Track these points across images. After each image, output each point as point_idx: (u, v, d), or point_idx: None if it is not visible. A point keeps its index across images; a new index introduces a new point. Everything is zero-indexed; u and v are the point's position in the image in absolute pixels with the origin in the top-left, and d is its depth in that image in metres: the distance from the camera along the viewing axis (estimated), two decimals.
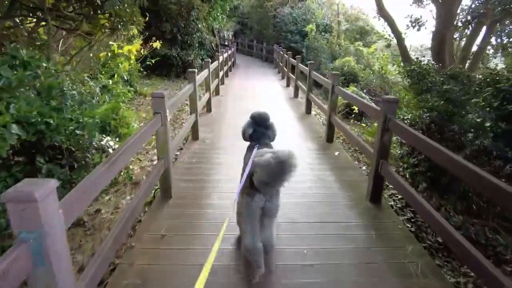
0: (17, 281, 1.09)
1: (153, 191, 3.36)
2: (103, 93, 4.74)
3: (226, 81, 10.90)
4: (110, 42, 6.87)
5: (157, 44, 8.18)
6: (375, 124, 7.68)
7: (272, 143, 2.42)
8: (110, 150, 3.88)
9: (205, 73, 6.08)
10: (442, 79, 4.46)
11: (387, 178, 3.04)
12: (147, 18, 8.47)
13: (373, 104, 3.30)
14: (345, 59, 12.71)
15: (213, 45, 14.05)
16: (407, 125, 2.90)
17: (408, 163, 4.20)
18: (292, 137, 5.27)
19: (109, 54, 5.81)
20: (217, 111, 6.76)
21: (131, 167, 4.06)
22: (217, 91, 8.57)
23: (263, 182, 1.83)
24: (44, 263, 1.17)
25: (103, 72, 6.25)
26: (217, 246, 1.22)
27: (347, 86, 12.09)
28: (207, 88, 6.56)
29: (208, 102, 6.65)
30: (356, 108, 7.64)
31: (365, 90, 11.77)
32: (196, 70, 4.72)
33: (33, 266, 1.15)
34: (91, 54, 5.62)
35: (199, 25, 11.32)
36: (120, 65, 6.28)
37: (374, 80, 12.08)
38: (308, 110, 6.73)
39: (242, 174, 2.16)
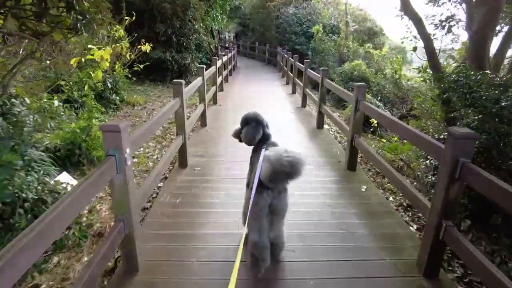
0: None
1: (113, 259, 2.38)
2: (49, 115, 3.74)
3: (226, 87, 9.93)
4: (90, 46, 5.90)
5: (146, 47, 7.20)
6: (395, 138, 6.68)
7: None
8: (69, 188, 2.92)
9: (198, 81, 5.11)
10: (497, 91, 3.47)
11: (454, 246, 2.02)
12: (134, 18, 7.53)
13: (432, 140, 2.15)
14: (355, 62, 11.71)
15: (212, 47, 13.09)
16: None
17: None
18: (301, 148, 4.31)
19: (84, 60, 4.83)
20: (213, 126, 5.78)
21: (91, 216, 3.05)
22: (214, 100, 7.60)
23: (269, 177, 1.84)
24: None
25: (70, 84, 5.27)
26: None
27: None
28: (201, 99, 5.58)
29: (203, 115, 5.67)
30: (375, 121, 6.65)
31: (378, 97, 10.81)
32: (183, 82, 3.74)
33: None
34: (60, 61, 4.63)
35: (196, 26, 10.36)
36: (91, 73, 5.29)
37: (387, 86, 11.10)
38: (320, 125, 5.74)
39: (248, 174, 2.36)
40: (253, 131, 2.33)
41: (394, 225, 2.83)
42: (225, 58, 10.01)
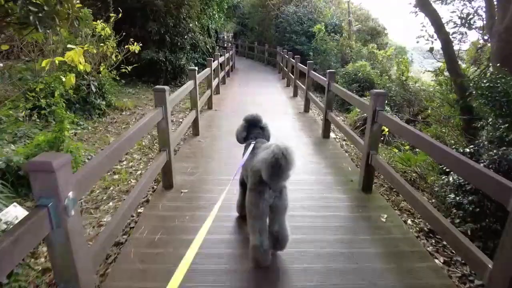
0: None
1: None
2: None
3: (223, 89, 9.32)
4: (69, 45, 5.28)
5: (135, 48, 6.59)
6: (406, 146, 6.09)
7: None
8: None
9: (189, 86, 4.51)
10: None
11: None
12: (125, 16, 6.94)
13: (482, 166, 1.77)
14: (359, 63, 11.12)
15: (208, 47, 12.48)
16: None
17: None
18: (309, 176, 3.71)
19: (57, 62, 4.20)
20: (207, 134, 5.17)
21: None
22: (209, 105, 6.99)
23: (269, 175, 1.84)
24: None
25: (37, 90, 4.64)
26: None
27: (363, 95, 10.51)
28: (193, 105, 4.98)
29: (195, 123, 5.06)
30: (387, 129, 6.07)
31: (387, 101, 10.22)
32: (167, 88, 3.11)
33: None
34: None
35: (191, 25, 9.76)
36: (63, 78, 4.66)
37: (394, 88, 10.52)
38: (326, 134, 5.13)
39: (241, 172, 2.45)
40: (240, 129, 2.54)
41: (432, 275, 2.22)
42: (221, 59, 9.40)
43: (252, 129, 2.51)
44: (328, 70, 4.92)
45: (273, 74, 14.24)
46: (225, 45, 21.99)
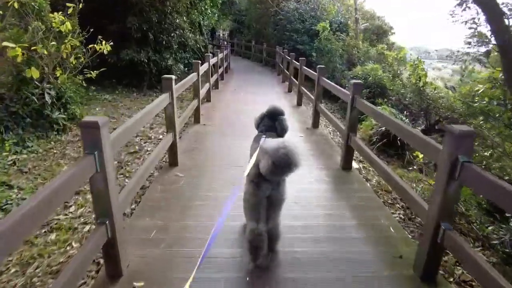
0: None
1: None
2: None
3: (215, 95, 8.04)
4: (5, 43, 3.97)
5: (104, 47, 5.29)
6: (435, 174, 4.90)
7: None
8: None
9: (161, 101, 3.23)
10: None
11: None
12: (93, 7, 5.64)
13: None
14: (370, 66, 9.89)
15: (200, 46, 11.18)
16: None
17: None
18: (323, 221, 2.72)
19: None
20: (189, 164, 3.89)
21: None
22: (196, 118, 5.70)
23: (268, 169, 1.82)
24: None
25: None
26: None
27: (374, 102, 9.30)
28: (169, 126, 3.69)
29: (172, 150, 3.78)
30: (421, 156, 4.84)
31: (399, 107, 9.03)
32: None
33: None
34: None
35: (178, 20, 8.44)
36: None
37: (409, 95, 9.31)
38: (347, 164, 3.85)
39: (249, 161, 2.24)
40: (257, 117, 2.58)
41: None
42: (213, 60, 8.11)
43: (268, 120, 2.49)
44: (354, 81, 3.65)
45: (272, 76, 12.96)
46: (220, 43, 20.66)
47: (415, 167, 6.31)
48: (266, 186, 1.97)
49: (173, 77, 3.42)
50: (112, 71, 9.09)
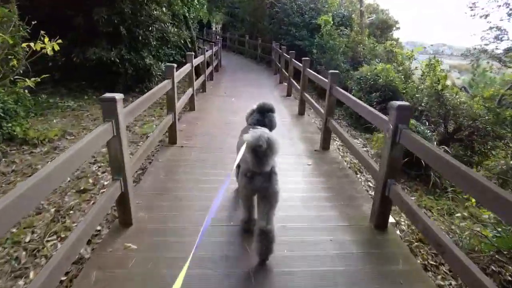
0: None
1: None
2: None
3: (201, 101, 6.77)
4: None
5: (47, 46, 3.98)
6: (472, 201, 3.73)
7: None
8: None
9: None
10: None
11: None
12: None
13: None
14: (379, 66, 8.67)
15: (187, 41, 9.84)
16: None
17: None
18: None
19: None
20: (155, 217, 2.64)
21: None
22: (172, 137, 4.40)
23: (247, 160, 1.96)
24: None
25: None
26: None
27: (386, 108, 8.11)
28: (115, 172, 2.41)
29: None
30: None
31: (415, 113, 7.87)
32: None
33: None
34: None
35: (158, 12, 7.11)
36: None
37: (425, 100, 8.13)
38: (384, 221, 2.64)
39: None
40: (248, 113, 2.77)
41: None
42: (199, 60, 6.82)
43: (258, 115, 2.64)
44: (399, 104, 2.41)
45: (267, 75, 11.66)
46: (211, 38, 19.26)
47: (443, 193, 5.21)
48: (258, 178, 2.05)
49: (116, 98, 2.16)
50: (82, 71, 7.78)
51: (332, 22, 10.31)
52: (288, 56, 7.75)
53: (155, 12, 6.88)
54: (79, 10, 6.66)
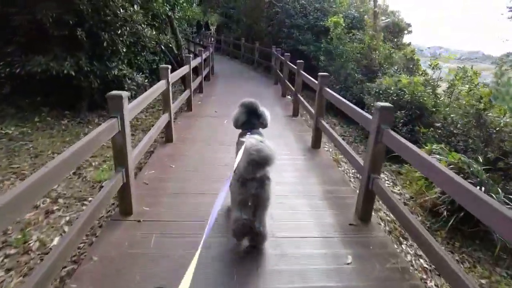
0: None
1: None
2: None
3: (182, 127, 5.20)
4: None
5: None
6: None
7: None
8: None
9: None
10: None
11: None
12: None
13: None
14: (404, 79, 7.15)
15: (172, 46, 8.27)
16: None
17: None
18: None
19: None
20: None
21: None
22: (124, 207, 2.79)
23: (243, 167, 1.93)
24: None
25: None
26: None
27: (414, 130, 6.62)
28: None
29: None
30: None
31: (449, 142, 6.40)
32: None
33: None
34: None
35: (129, 11, 5.49)
36: None
37: (462, 121, 6.62)
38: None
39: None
40: (238, 113, 2.54)
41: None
42: (182, 71, 5.25)
43: (250, 116, 2.53)
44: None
45: (266, 85, 10.05)
46: (202, 42, 17.69)
47: None
48: (252, 184, 2.06)
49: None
50: (37, 84, 6.16)
51: (343, 25, 8.80)
52: (295, 67, 6.19)
53: (122, 10, 5.28)
54: (22, 6, 5.04)
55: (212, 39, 21.76)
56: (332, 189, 3.37)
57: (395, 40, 13.07)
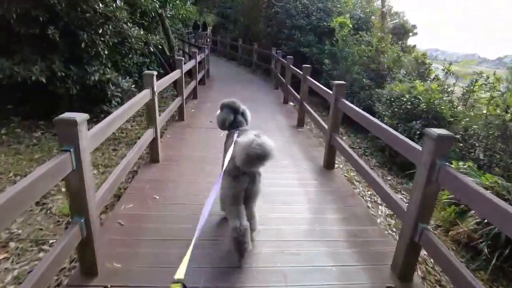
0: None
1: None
2: None
3: (172, 140, 4.48)
4: None
5: None
6: None
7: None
8: None
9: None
10: None
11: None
12: None
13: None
14: (420, 86, 6.49)
15: (164, 47, 7.55)
16: None
17: None
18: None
19: None
20: None
21: None
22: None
23: (244, 160, 1.91)
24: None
25: None
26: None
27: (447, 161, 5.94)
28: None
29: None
30: None
31: (470, 153, 5.79)
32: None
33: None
34: None
35: (112, 7, 4.74)
36: None
37: (484, 134, 5.96)
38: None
39: (223, 158, 2.33)
40: (224, 114, 2.52)
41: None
42: (165, 82, 4.53)
43: (235, 116, 2.52)
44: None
45: (266, 89, 9.36)
46: (197, 43, 16.97)
47: None
48: (244, 179, 2.07)
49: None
50: (9, 91, 5.41)
51: (350, 26, 8.14)
52: (301, 73, 5.51)
53: (101, 5, 4.53)
54: None
55: (208, 39, 21.04)
56: (356, 230, 2.69)
57: (400, 42, 12.48)
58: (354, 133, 7.58)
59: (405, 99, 6.47)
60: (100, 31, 4.75)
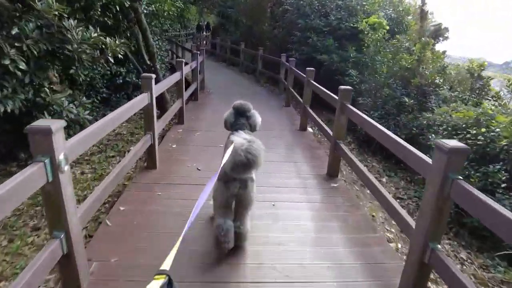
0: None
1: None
2: None
3: (140, 200, 2.63)
4: None
5: None
6: None
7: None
8: None
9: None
10: None
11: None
12: None
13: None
14: (502, 117, 4.61)
15: (143, 54, 5.71)
16: None
17: None
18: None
19: None
20: None
21: None
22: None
23: (230, 166, 1.83)
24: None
25: None
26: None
27: None
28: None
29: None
30: None
31: None
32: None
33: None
34: None
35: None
36: None
37: None
38: None
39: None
40: (227, 116, 2.47)
41: None
42: (139, 103, 2.65)
43: (239, 118, 2.45)
44: None
45: (275, 108, 7.35)
46: (191, 46, 15.13)
47: None
48: (235, 184, 2.01)
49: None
50: None
51: (387, 27, 6.27)
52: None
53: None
54: None
55: (206, 42, 19.25)
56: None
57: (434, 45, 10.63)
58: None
59: (473, 132, 4.58)
60: (13, 32, 2.87)
